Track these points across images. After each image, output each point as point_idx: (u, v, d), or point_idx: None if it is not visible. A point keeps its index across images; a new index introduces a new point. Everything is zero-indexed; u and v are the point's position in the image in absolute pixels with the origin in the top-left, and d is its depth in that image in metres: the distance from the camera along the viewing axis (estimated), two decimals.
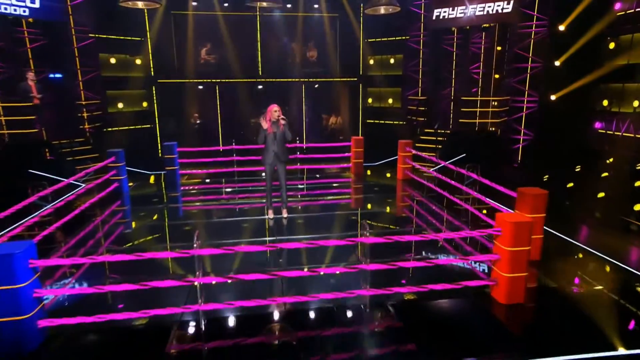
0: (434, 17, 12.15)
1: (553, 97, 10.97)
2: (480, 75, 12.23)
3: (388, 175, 10.28)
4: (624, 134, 9.29)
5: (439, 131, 11.81)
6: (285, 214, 6.41)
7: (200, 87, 12.68)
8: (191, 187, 9.06)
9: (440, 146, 11.18)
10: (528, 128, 11.45)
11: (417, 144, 11.62)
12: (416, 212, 7.36)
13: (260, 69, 12.82)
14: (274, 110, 5.89)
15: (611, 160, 9.41)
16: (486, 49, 12.44)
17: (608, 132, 9.82)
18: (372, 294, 4.36)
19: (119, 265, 5.21)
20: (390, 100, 13.43)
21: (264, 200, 6.52)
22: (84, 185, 8.18)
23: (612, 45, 9.85)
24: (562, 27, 10.67)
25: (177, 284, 4.02)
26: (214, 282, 4.52)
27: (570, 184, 8.35)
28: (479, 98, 11.82)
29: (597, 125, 10.30)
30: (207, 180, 9.66)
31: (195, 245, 4.03)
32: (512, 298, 4.41)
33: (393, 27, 12.73)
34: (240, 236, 6.00)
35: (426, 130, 12.39)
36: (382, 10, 10.96)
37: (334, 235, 6.03)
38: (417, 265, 4.45)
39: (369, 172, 10.54)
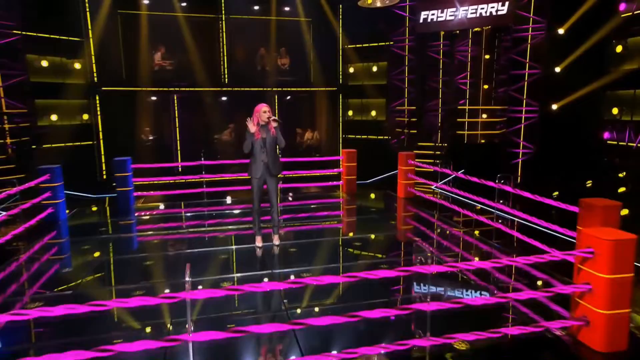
0: (420, 20, 12.07)
1: (554, 107, 11.00)
2: (468, 86, 12.32)
3: (390, 193, 9.90)
4: (638, 144, 9.29)
5: (437, 144, 11.59)
6: (277, 241, 5.92)
7: (154, 97, 11.98)
8: (148, 213, 8.36)
9: (439, 161, 10.85)
10: (528, 140, 11.38)
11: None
12: (443, 236, 6.82)
13: (225, 76, 12.28)
14: (263, 110, 5.37)
15: (624, 174, 9.48)
16: (473, 57, 12.59)
17: (620, 143, 9.85)
18: (433, 344, 3.57)
19: (58, 325, 4.05)
20: (373, 113, 13.25)
21: (251, 226, 5.88)
22: (3, 212, 6.98)
23: (619, 49, 9.91)
24: (561, 31, 10.76)
25: (156, 346, 3.02)
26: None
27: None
28: (480, 107, 11.75)
29: (606, 135, 10.30)
30: (162, 207, 8.91)
31: (186, 286, 3.15)
32: (613, 344, 3.70)
33: (376, 32, 12.57)
34: (227, 270, 5.38)
35: (420, 144, 12.12)
36: (378, 3, 10.62)
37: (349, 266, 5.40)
38: (488, 302, 3.79)
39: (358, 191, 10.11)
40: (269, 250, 5.96)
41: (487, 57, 12.47)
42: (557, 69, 10.85)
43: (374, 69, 13.09)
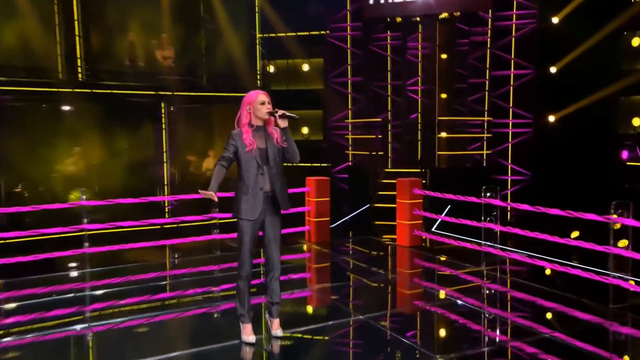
0: (371, 1, 11.64)
1: (552, 118, 10.82)
2: (419, 94, 12.45)
3: (380, 241, 9.43)
4: None
5: (422, 170, 11.04)
6: (278, 330, 4.93)
7: None
8: None
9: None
10: (521, 163, 11.26)
11: (380, 192, 10.98)
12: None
13: (60, 72, 10.48)
14: (260, 101, 4.54)
15: None
16: (425, 56, 12.49)
17: None
18: None
19: None
20: (305, 130, 12.96)
21: (236, 307, 4.90)
22: None
23: (635, 42, 9.90)
24: (555, 20, 10.60)
25: None
26: None
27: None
28: (468, 118, 11.61)
29: (625, 155, 10.14)
30: None
31: None
32: None
33: (307, 16, 12.16)
34: None
35: (389, 170, 11.44)
36: None
37: None
38: None
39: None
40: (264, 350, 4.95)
41: (443, 56, 12.28)
42: (553, 70, 10.70)
43: (305, 67, 12.80)
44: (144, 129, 11.14)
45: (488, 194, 7.19)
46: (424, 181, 10.62)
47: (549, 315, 5.78)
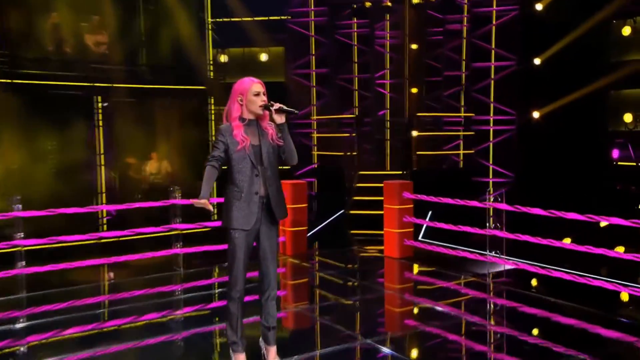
0: None
1: (536, 115, 10.93)
2: (388, 88, 12.56)
3: (361, 253, 9.44)
4: None
5: (404, 172, 10.95)
6: (275, 359, 4.84)
7: None
8: None
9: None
10: (501, 164, 11.27)
11: (355, 197, 10.82)
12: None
13: None
14: (254, 90, 4.42)
15: None
16: (394, 46, 12.58)
17: (638, 165, 10.03)
18: None
19: None
20: None
21: (230, 339, 4.79)
22: None
23: (626, 31, 10.17)
24: (539, 7, 10.70)
25: None
26: None
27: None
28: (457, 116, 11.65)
29: (615, 154, 10.37)
30: None
31: None
32: None
33: None
34: None
35: (365, 173, 11.23)
36: None
37: None
38: None
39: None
40: None
41: (414, 46, 12.33)
42: (537, 61, 10.81)
43: (263, 57, 12.59)
44: (74, 127, 10.73)
45: (492, 198, 6.98)
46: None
47: (571, 335, 5.65)
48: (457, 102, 11.84)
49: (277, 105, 4.32)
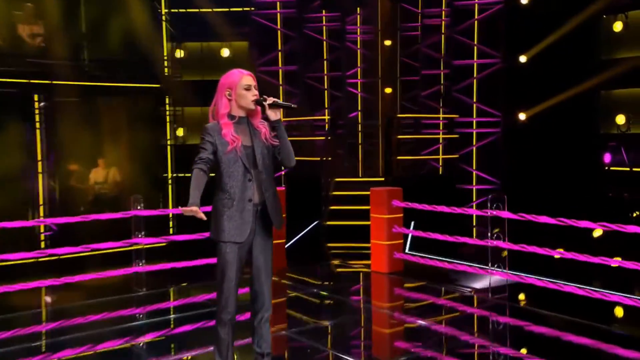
0: None
1: (522, 117, 10.93)
2: (360, 88, 12.63)
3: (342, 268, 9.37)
4: None
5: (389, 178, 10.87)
6: None
7: None
8: None
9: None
10: (486, 169, 11.25)
11: (332, 207, 10.78)
12: None
13: None
14: (244, 84, 4.36)
15: (637, 213, 9.70)
16: (366, 42, 12.64)
17: (634, 169, 9.78)
18: None
19: None
20: None
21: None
22: None
23: (617, 27, 10.05)
24: (524, 0, 10.71)
25: None
26: None
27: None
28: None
29: (607, 158, 10.28)
30: None
31: None
32: None
33: None
34: None
35: (342, 180, 11.16)
36: None
37: None
38: None
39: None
40: None
41: (387, 43, 12.48)
42: (523, 59, 10.80)
43: (225, 52, 12.49)
44: (9, 129, 10.61)
45: (495, 205, 6.87)
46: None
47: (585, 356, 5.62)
48: (436, 103, 11.76)
49: (270, 100, 4.25)
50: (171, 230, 11.29)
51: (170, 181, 12.71)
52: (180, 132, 12.78)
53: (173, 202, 12.53)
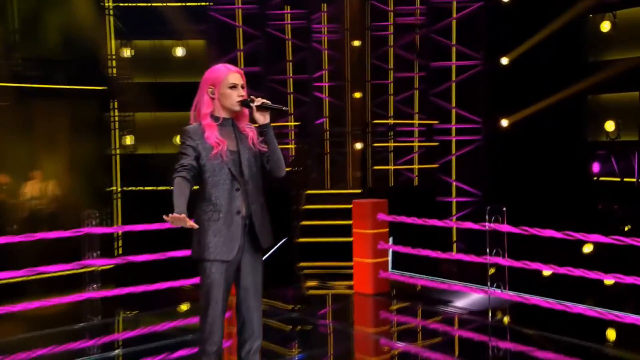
0: None
1: (505, 123, 10.97)
2: (327, 92, 12.62)
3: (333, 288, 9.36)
4: None
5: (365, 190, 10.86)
6: None
7: None
8: None
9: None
10: (466, 180, 11.21)
11: (303, 222, 10.72)
12: None
13: None
14: (231, 81, 4.21)
15: (629, 227, 9.74)
16: (332, 42, 12.59)
17: (625, 179, 9.97)
18: None
19: None
20: (177, 140, 11.94)
21: None
22: None
23: (605, 27, 10.16)
24: None
25: None
26: None
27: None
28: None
29: (595, 168, 10.43)
30: None
31: None
32: None
33: None
34: None
35: (311, 193, 11.09)
36: None
37: None
38: None
39: None
40: None
41: (356, 43, 12.39)
42: (505, 61, 10.84)
43: (179, 52, 12.43)
44: None
45: (494, 218, 6.73)
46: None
47: None
48: (411, 109, 11.69)
49: (259, 101, 4.08)
50: (117, 251, 10.83)
51: (116, 196, 12.60)
52: (128, 140, 12.59)
53: (120, 219, 12.23)
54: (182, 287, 8.71)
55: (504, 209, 7.02)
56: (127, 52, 12.55)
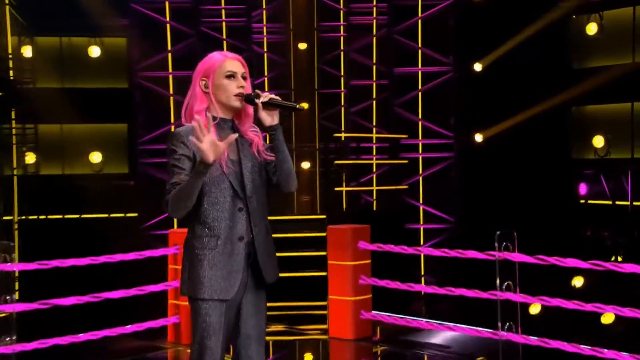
0: None
1: (479, 138, 11.09)
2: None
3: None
4: None
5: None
6: None
7: None
8: None
9: None
10: (436, 204, 11.40)
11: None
12: None
13: None
14: (226, 71, 4.05)
15: (621, 258, 10.01)
16: (274, 44, 12.64)
17: (616, 202, 10.40)
18: None
19: None
20: (95, 158, 12.55)
21: None
22: None
23: (591, 29, 10.49)
24: None
25: None
26: None
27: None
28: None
29: (583, 189, 10.66)
30: None
31: None
32: None
33: None
34: None
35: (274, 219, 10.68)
36: None
37: None
38: None
39: None
40: None
41: (302, 46, 12.34)
42: (478, 67, 11.01)
43: (94, 52, 12.35)
44: None
45: (503, 245, 6.52)
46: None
47: None
48: (369, 122, 11.60)
49: (266, 96, 3.81)
50: (16, 295, 10.22)
51: (16, 225, 12.18)
52: (30, 158, 12.33)
53: (20, 254, 11.50)
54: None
55: (515, 234, 6.82)
56: (29, 51, 12.22)
